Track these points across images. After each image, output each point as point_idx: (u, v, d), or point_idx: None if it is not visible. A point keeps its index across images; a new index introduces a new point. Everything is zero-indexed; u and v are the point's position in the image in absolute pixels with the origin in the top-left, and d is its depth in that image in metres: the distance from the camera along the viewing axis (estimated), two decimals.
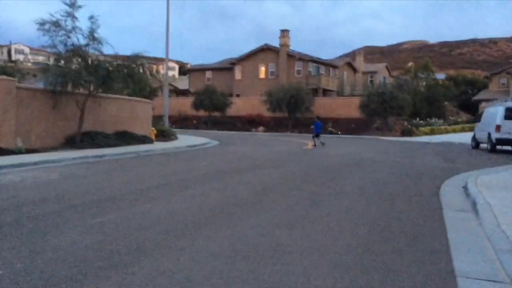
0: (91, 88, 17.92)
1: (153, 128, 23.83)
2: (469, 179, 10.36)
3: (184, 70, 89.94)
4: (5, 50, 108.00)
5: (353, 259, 4.58)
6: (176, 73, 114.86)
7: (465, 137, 31.79)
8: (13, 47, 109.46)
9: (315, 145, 23.13)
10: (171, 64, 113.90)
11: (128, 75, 18.13)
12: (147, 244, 4.95)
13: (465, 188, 9.43)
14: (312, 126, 24.67)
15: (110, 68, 17.55)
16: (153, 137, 22.86)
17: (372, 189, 9.18)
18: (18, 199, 7.38)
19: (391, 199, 8.12)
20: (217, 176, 10.73)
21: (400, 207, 7.40)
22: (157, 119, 29.21)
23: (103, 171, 11.52)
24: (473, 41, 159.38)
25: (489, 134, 21.36)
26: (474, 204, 7.45)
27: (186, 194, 8.12)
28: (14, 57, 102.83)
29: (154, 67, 63.68)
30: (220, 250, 4.78)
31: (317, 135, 23.84)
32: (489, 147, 21.26)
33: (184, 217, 6.26)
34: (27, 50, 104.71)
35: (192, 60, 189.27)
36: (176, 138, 25.79)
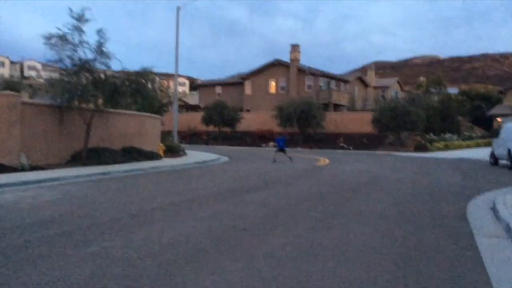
0: (98, 104, 17.49)
1: (162, 144, 23.37)
2: (496, 199, 9.62)
3: (194, 85, 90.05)
4: (17, 67, 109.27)
5: None
6: (186, 88, 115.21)
7: (481, 153, 30.90)
8: (25, 64, 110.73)
9: (274, 160, 22.42)
10: (181, 80, 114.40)
11: (136, 90, 17.70)
12: (143, 280, 4.32)
13: (493, 209, 8.72)
14: (274, 143, 24.28)
15: (118, 83, 17.12)
16: (161, 153, 22.38)
17: (393, 211, 8.54)
18: (6, 223, 6.80)
19: (415, 223, 7.44)
20: (225, 195, 10.17)
21: (426, 233, 6.71)
22: (166, 135, 28.82)
23: (106, 190, 10.97)
24: (484, 56, 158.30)
25: (509, 151, 20.52)
26: (508, 230, 6.75)
27: (192, 217, 7.54)
28: (26, 73, 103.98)
29: (165, 82, 64.19)
30: (226, 286, 4.14)
31: (281, 150, 23.22)
32: (510, 163, 20.40)
33: (188, 245, 5.63)
34: (39, 66, 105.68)
35: (202, 76, 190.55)
36: (185, 154, 25.34)
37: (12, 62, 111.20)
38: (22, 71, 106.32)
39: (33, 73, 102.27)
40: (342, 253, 5.39)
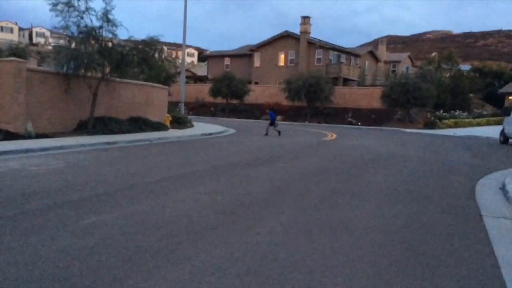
0: (105, 72, 17.29)
1: (168, 115, 23.20)
2: (506, 179, 9.43)
3: (202, 56, 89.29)
4: (26, 33, 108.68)
5: (386, 283, 3.78)
6: (195, 59, 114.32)
7: (491, 131, 30.47)
8: (34, 30, 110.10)
9: (267, 134, 22.44)
10: (190, 51, 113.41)
11: (143, 60, 17.44)
12: (142, 254, 4.23)
13: (503, 189, 8.54)
14: (267, 117, 23.89)
15: (124, 52, 16.86)
16: (168, 124, 22.24)
17: (400, 189, 8.39)
18: (8, 192, 6.74)
19: (422, 202, 7.31)
20: (230, 169, 10.04)
21: (433, 213, 6.57)
22: (173, 106, 28.56)
23: (111, 160, 10.90)
24: (498, 32, 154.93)
25: None
26: None
27: (195, 190, 7.44)
28: (35, 40, 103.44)
29: (172, 52, 63.43)
30: (227, 264, 4.04)
31: (272, 124, 22.95)
32: None
33: (190, 220, 5.54)
34: (47, 33, 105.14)
35: (211, 47, 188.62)
36: (191, 125, 25.16)
37: (20, 29, 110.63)
38: (30, 38, 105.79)
39: (41, 40, 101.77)
40: (346, 232, 5.27)
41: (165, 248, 4.41)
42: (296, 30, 52.02)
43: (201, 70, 68.81)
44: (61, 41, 17.22)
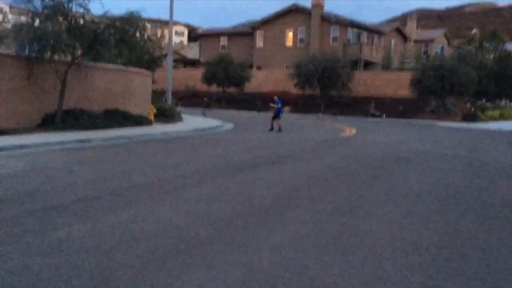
0: (75, 55, 17.31)
1: (152, 107, 23.26)
2: None
3: (194, 35, 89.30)
4: None
5: None
6: (184, 39, 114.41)
7: None
8: None
9: (272, 128, 22.64)
10: (178, 28, 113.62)
11: (122, 40, 17.47)
12: (118, 275, 4.23)
13: None
14: (274, 105, 23.30)
15: (99, 31, 16.88)
16: (151, 117, 22.34)
17: (431, 195, 8.38)
18: None
19: (457, 210, 7.29)
20: (228, 172, 10.08)
21: (470, 224, 6.58)
22: (158, 95, 28.65)
23: (84, 162, 10.93)
24: None
25: None
26: None
27: (185, 197, 7.45)
28: None
29: (159, 31, 63.21)
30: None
31: (277, 116, 22.98)
32: None
33: (177, 233, 5.54)
34: (6, 8, 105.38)
35: (204, 24, 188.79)
36: (180, 119, 25.30)
37: None
38: None
39: None
40: (368, 249, 5.25)
41: (145, 269, 4.40)
42: (307, 3, 52.06)
43: (192, 52, 68.83)
44: (22, 18, 17.24)
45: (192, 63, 63.22)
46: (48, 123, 17.07)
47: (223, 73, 44.49)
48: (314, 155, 13.81)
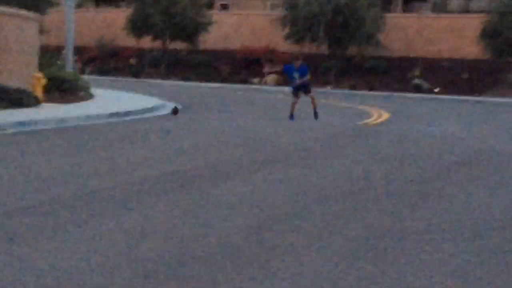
0: None
1: (41, 74, 17.20)
2: None
3: None
4: None
5: None
6: None
7: None
8: None
9: (292, 116, 16.54)
10: None
11: None
12: None
13: None
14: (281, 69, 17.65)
15: None
16: (39, 93, 16.23)
17: (505, 227, 6.02)
18: None
19: None
20: (174, 185, 7.46)
21: None
22: (51, 56, 21.79)
23: None
24: None
25: None
26: None
27: (89, 230, 5.08)
28: None
29: None
30: None
31: (304, 91, 16.78)
32: None
33: None
34: None
35: None
36: (90, 95, 19.17)
37: None
38: None
39: None
40: None
41: None
42: None
43: None
44: None
45: (109, 0, 44.61)
46: None
47: (162, 17, 32.33)
48: (319, 156, 11.02)
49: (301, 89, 16.77)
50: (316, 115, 16.65)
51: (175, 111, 16.43)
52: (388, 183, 8.50)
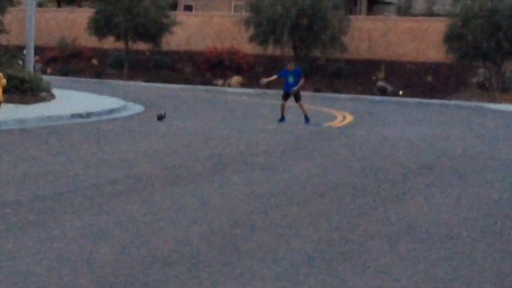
0: None
1: (0, 75, 16.76)
2: None
3: None
4: None
5: None
6: None
7: None
8: None
9: (282, 117, 16.37)
10: None
11: None
12: None
13: None
14: (277, 76, 17.18)
15: None
16: None
17: (475, 230, 6.17)
18: None
19: None
20: (133, 188, 7.26)
21: None
22: (11, 55, 21.61)
23: None
24: None
25: None
26: None
27: (44, 236, 4.85)
28: None
29: None
30: None
31: (295, 97, 16.67)
32: None
33: None
34: None
35: None
36: (51, 96, 18.90)
37: None
38: None
39: None
40: None
41: None
42: None
43: None
44: None
45: (71, 0, 45.28)
46: None
47: (125, 17, 31.85)
48: (283, 159, 10.72)
49: (291, 95, 16.63)
50: (307, 120, 16.44)
51: (160, 117, 15.54)
52: (349, 187, 8.43)
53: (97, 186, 7.35)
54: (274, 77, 17.76)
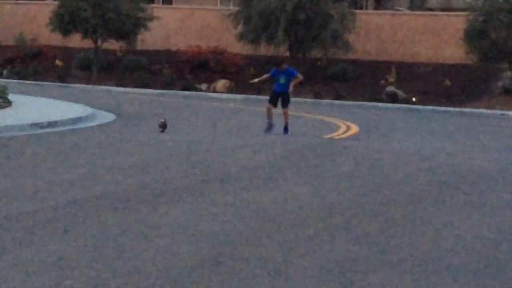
0: None
1: None
2: None
3: None
4: None
5: None
6: None
7: None
8: None
9: (270, 125, 15.46)
10: None
11: None
12: None
13: None
14: (269, 75, 16.27)
15: None
16: None
17: (498, 262, 5.40)
18: None
19: None
20: (106, 209, 6.75)
21: None
22: None
23: None
24: None
25: None
26: None
27: (5, 263, 4.48)
28: None
29: None
30: None
31: (282, 104, 15.85)
32: None
33: None
34: None
35: None
36: (8, 102, 17.87)
37: None
38: None
39: None
40: None
41: None
42: None
43: None
44: None
45: None
46: None
47: (94, 11, 29.11)
48: (275, 177, 9.95)
49: (279, 97, 15.84)
50: (286, 130, 15.67)
51: (162, 126, 14.76)
52: (352, 208, 7.78)
53: (56, 208, 6.68)
54: (265, 76, 16.83)
